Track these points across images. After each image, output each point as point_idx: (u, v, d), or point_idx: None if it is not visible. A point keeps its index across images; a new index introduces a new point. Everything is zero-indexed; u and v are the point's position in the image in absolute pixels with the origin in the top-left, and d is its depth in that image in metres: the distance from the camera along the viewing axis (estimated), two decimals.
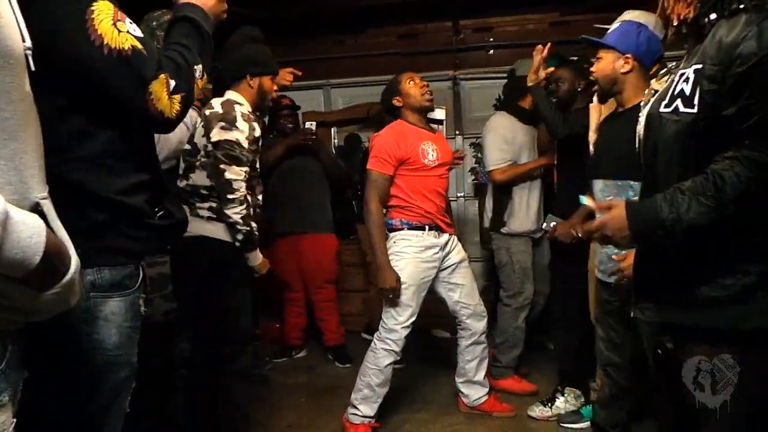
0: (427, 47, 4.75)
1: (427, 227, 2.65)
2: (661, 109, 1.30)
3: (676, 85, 1.28)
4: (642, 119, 1.43)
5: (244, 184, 2.16)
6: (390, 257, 2.59)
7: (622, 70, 2.00)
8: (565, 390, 2.81)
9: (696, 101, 1.23)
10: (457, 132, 4.81)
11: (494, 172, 3.15)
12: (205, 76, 1.26)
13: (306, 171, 3.74)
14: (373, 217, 2.60)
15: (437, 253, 2.68)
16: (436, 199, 2.69)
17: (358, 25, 4.80)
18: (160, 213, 1.22)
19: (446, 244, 2.72)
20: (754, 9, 1.17)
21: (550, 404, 2.81)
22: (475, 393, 2.87)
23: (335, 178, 3.90)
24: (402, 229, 2.65)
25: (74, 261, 0.81)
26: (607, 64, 2.03)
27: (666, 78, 1.39)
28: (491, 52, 4.67)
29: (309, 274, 3.78)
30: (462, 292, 2.78)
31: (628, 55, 1.98)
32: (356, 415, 2.64)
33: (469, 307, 2.78)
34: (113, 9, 1.06)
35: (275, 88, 2.47)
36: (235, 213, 2.14)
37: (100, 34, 1.02)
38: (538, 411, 2.81)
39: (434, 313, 4.24)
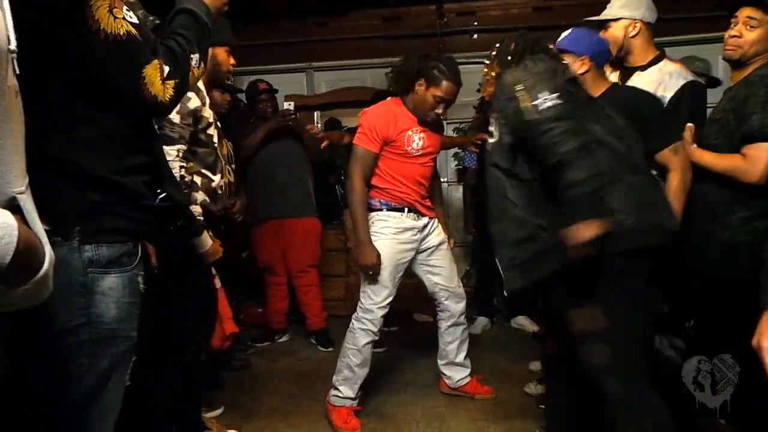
0: (411, 31, 4.72)
1: (406, 209, 2.66)
2: (487, 147, 2.01)
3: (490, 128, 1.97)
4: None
5: (177, 164, 2.04)
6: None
7: (580, 71, 2.06)
8: None
9: (496, 133, 1.88)
10: (442, 117, 4.79)
11: None
12: (202, 66, 1.31)
13: (288, 155, 3.72)
14: (355, 194, 2.58)
15: (415, 235, 2.69)
16: (415, 186, 2.68)
17: (341, 8, 4.75)
18: (162, 195, 1.26)
19: (425, 226, 2.73)
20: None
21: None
22: (457, 374, 2.91)
23: (318, 162, 3.87)
24: (381, 209, 2.66)
25: (48, 256, 0.81)
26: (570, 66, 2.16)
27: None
28: (475, 36, 4.66)
29: (292, 258, 3.77)
30: (441, 275, 2.79)
31: (584, 57, 2.06)
32: (338, 396, 2.65)
33: (447, 289, 2.80)
34: None
35: (232, 61, 2.37)
36: None
37: (98, 19, 1.06)
38: (534, 389, 2.95)
39: (415, 296, 4.32)
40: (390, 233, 2.63)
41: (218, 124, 2.34)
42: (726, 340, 1.69)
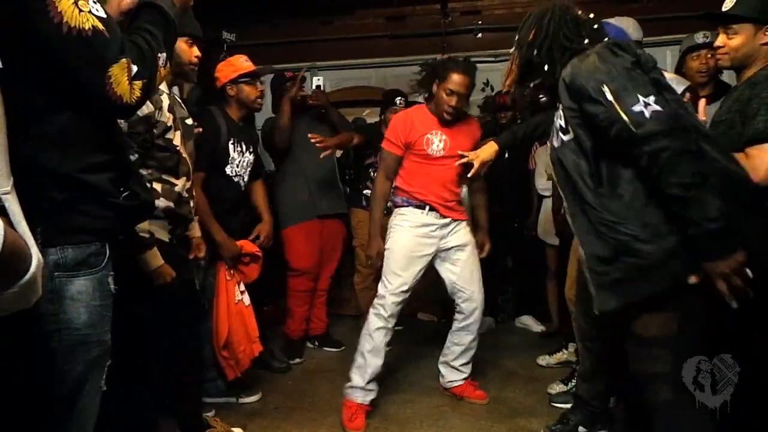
0: (416, 30, 4.71)
1: (427, 207, 2.72)
2: (553, 144, 1.74)
3: (556, 123, 1.72)
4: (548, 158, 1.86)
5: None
6: (389, 229, 2.77)
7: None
8: (568, 345, 3.19)
9: (569, 128, 1.64)
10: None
11: None
12: (169, 65, 1.25)
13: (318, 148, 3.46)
14: (375, 190, 2.82)
15: (434, 231, 2.72)
16: (438, 189, 2.71)
17: (346, 6, 4.74)
18: (126, 193, 1.20)
19: (447, 225, 2.76)
20: (577, 53, 1.61)
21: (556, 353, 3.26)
22: (450, 375, 2.91)
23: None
24: (404, 206, 2.78)
25: (35, 259, 0.78)
26: None
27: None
28: (479, 35, 4.65)
29: (327, 260, 3.61)
30: (458, 275, 2.78)
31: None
32: (349, 386, 2.68)
33: (464, 291, 2.79)
34: None
35: (196, 53, 2.19)
36: None
37: (60, 12, 1.00)
38: (543, 361, 3.27)
39: (420, 297, 4.32)
40: (408, 226, 2.73)
41: (188, 122, 2.25)
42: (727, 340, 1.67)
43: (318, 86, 3.43)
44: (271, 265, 3.48)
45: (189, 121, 2.29)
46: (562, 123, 1.67)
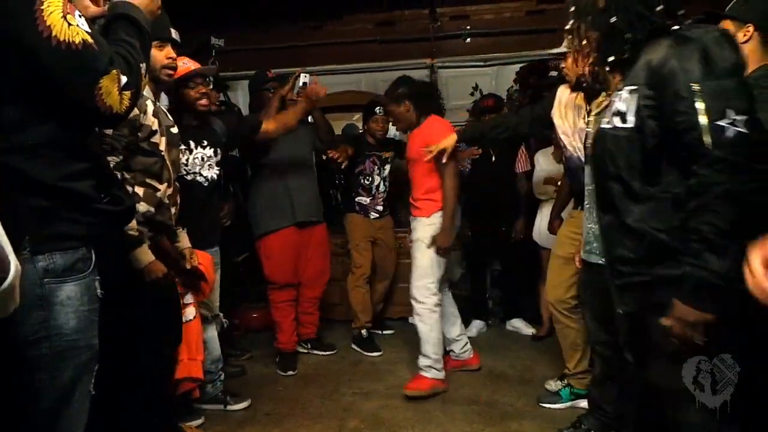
0: (405, 35, 4.73)
1: None
2: (604, 126, 1.52)
3: (611, 105, 1.50)
4: (590, 135, 1.65)
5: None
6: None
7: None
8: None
9: (631, 117, 1.42)
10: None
11: None
12: (147, 76, 1.30)
13: (298, 155, 3.53)
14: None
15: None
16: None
17: (334, 11, 4.75)
18: (107, 199, 1.23)
19: (413, 221, 3.16)
20: (673, 34, 1.37)
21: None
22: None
23: (327, 141, 3.65)
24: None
25: (13, 267, 0.79)
26: None
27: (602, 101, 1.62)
28: (468, 40, 4.67)
29: (306, 268, 3.59)
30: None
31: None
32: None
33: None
34: (63, 1, 1.05)
35: (171, 55, 2.12)
36: None
37: (49, 26, 1.02)
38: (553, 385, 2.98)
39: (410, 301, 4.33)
40: None
41: (173, 130, 2.23)
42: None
43: (305, 83, 3.41)
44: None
45: (174, 130, 2.26)
46: (623, 107, 1.45)
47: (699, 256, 1.30)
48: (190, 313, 2.50)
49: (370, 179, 3.85)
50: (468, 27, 4.66)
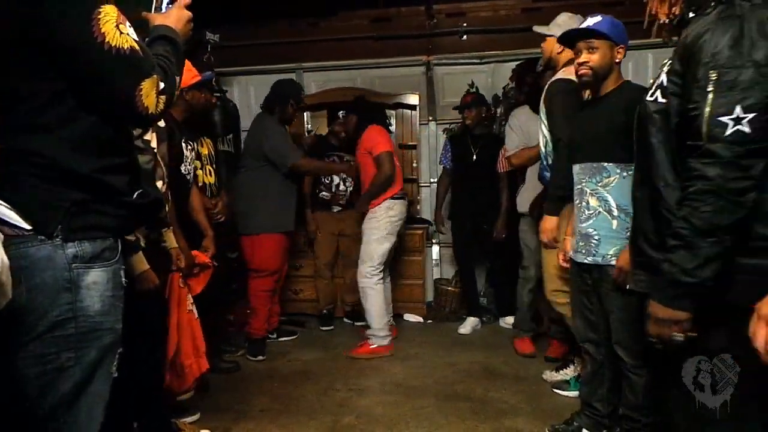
0: (400, 32, 4.72)
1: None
2: (647, 98, 1.48)
3: (659, 78, 1.44)
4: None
5: None
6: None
7: (617, 59, 2.09)
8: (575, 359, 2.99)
9: (666, 93, 1.38)
10: (431, 118, 4.80)
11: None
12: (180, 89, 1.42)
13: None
14: None
15: None
16: None
17: (330, 8, 4.74)
18: (138, 192, 1.32)
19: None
20: (720, 7, 1.25)
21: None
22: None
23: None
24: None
25: (1, 260, 0.81)
26: (605, 53, 2.08)
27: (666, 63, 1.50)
28: (464, 37, 4.67)
29: (284, 263, 3.90)
30: None
31: (622, 46, 2.08)
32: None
33: None
34: (117, 13, 1.19)
35: None
36: None
37: (103, 33, 1.14)
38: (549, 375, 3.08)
39: (407, 298, 4.35)
40: None
41: (160, 124, 2.27)
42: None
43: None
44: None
45: (161, 124, 2.30)
46: (665, 81, 1.38)
47: (671, 251, 1.29)
48: (195, 311, 2.59)
49: (330, 178, 4.18)
50: (464, 24, 4.66)
